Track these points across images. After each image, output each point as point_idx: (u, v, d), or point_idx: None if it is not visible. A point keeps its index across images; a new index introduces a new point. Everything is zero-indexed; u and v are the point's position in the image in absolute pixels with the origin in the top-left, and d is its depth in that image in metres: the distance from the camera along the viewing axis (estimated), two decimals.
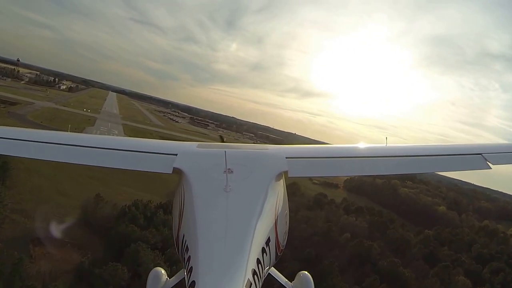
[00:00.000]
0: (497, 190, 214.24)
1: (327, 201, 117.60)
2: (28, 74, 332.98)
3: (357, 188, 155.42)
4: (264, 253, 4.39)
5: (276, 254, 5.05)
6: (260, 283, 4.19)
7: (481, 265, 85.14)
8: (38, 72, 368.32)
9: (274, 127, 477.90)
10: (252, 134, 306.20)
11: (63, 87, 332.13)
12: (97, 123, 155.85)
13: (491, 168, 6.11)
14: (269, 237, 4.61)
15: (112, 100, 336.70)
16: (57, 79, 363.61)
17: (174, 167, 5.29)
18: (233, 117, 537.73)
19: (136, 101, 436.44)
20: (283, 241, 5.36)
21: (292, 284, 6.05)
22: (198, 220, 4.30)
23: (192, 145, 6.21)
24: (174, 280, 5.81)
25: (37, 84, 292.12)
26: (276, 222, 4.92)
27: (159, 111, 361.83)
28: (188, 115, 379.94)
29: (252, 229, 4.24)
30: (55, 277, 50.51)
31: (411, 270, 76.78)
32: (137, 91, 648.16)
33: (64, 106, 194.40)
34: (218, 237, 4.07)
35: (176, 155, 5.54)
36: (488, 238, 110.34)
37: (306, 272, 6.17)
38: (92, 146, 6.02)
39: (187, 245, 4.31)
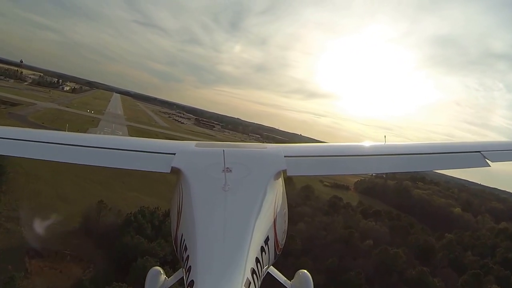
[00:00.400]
0: (505, 190, 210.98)
1: (343, 205, 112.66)
2: (31, 76, 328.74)
3: (368, 190, 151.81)
4: (263, 252, 4.35)
5: (275, 253, 5.03)
6: (259, 282, 4.14)
7: (510, 270, 79.06)
8: (41, 74, 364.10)
9: (279, 128, 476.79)
10: (258, 135, 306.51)
11: (67, 88, 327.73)
12: (101, 124, 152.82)
13: (490, 165, 6.08)
14: (268, 236, 4.56)
15: (116, 101, 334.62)
16: (60, 81, 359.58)
17: (172, 167, 5.25)
18: (238, 118, 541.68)
19: (140, 102, 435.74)
20: (282, 240, 5.31)
21: (291, 283, 6.00)
22: (196, 220, 4.25)
23: (191, 144, 6.09)
24: (173, 279, 5.76)
25: (40, 85, 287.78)
26: (275, 221, 4.87)
27: (164, 113, 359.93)
28: (193, 117, 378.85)
29: (251, 228, 4.19)
30: None
31: (440, 279, 72.43)
32: (141, 92, 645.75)
33: (67, 107, 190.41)
34: (216, 236, 4.02)
35: (174, 154, 5.50)
36: (510, 241, 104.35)
37: (305, 270, 6.08)
38: (90, 145, 5.92)
39: (185, 245, 4.25)
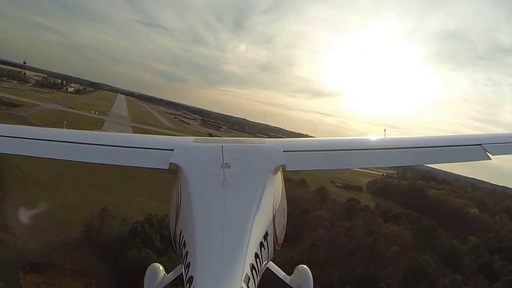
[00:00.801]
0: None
1: (361, 208, 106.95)
2: (35, 77, 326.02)
3: (381, 191, 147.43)
4: (262, 248, 4.35)
5: (275, 248, 5.03)
6: (259, 278, 4.14)
7: None
8: (45, 75, 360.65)
9: (286, 128, 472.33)
10: (265, 136, 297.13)
11: (71, 89, 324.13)
12: (105, 126, 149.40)
13: (490, 158, 6.05)
14: (267, 231, 4.56)
15: (121, 102, 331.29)
16: (64, 82, 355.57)
17: (170, 163, 5.20)
18: (244, 118, 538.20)
19: (145, 103, 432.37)
20: (281, 235, 5.31)
21: (290, 278, 5.98)
22: (195, 216, 4.24)
23: (189, 140, 6.08)
24: (172, 275, 5.77)
25: (43, 86, 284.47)
26: (274, 217, 4.87)
27: (170, 113, 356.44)
28: (199, 117, 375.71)
29: (250, 223, 4.17)
30: None
31: None
32: (146, 93, 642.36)
33: (70, 108, 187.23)
34: (215, 232, 4.01)
35: (172, 150, 5.42)
36: None
37: (305, 265, 6.06)
38: (87, 142, 5.80)
39: (184, 241, 4.25)
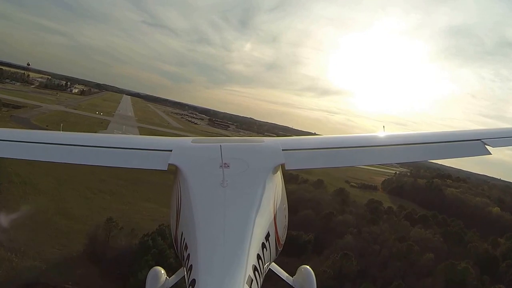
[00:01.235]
0: None
1: (385, 210, 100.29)
2: (39, 79, 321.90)
3: (397, 190, 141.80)
4: (264, 248, 4.28)
5: (276, 249, 4.97)
6: (261, 279, 4.09)
7: None
8: (49, 77, 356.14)
9: (294, 127, 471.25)
10: (274, 135, 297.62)
11: (75, 90, 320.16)
12: (110, 126, 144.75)
13: (491, 153, 6.06)
14: (268, 231, 4.48)
15: (126, 102, 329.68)
16: (69, 83, 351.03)
17: (169, 163, 5.12)
18: (251, 118, 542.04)
19: (151, 103, 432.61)
20: (283, 235, 5.24)
21: (293, 279, 5.86)
22: (196, 217, 4.19)
23: (187, 141, 5.95)
24: (174, 278, 5.66)
25: (47, 88, 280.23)
26: (275, 216, 4.79)
27: (176, 113, 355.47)
28: (206, 117, 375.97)
29: (251, 224, 4.13)
30: None
31: None
32: (152, 94, 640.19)
33: (74, 109, 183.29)
34: (217, 233, 3.96)
35: (171, 151, 5.36)
36: None
37: (308, 266, 5.90)
38: (85, 145, 5.72)
39: (185, 243, 4.20)
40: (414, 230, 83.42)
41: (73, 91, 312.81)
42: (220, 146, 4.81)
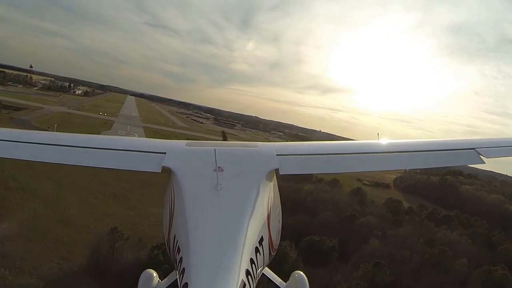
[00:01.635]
0: None
1: (405, 210, 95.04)
2: (42, 81, 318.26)
3: (411, 188, 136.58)
4: (258, 253, 4.23)
5: (270, 254, 4.90)
6: (254, 284, 4.04)
7: None
8: (52, 79, 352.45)
9: (298, 125, 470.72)
10: (280, 133, 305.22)
11: (78, 92, 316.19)
12: (114, 127, 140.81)
13: (484, 162, 6.05)
14: (262, 236, 4.42)
15: (130, 103, 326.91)
16: (72, 85, 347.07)
17: (163, 166, 5.10)
18: (255, 116, 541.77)
19: (155, 104, 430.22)
20: (276, 240, 5.18)
21: (286, 284, 5.83)
22: (189, 220, 4.12)
23: (181, 144, 5.92)
24: (166, 282, 5.59)
25: (50, 90, 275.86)
26: (268, 221, 4.73)
27: (181, 113, 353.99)
28: (211, 116, 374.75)
29: (244, 228, 4.06)
30: None
31: None
32: (155, 94, 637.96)
33: (77, 110, 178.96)
34: (210, 237, 3.91)
35: (164, 153, 5.32)
36: None
37: (301, 272, 5.91)
38: (79, 146, 5.63)
39: (178, 246, 4.14)
40: (442, 232, 78.25)
41: (76, 93, 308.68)
42: (215, 150, 4.79)
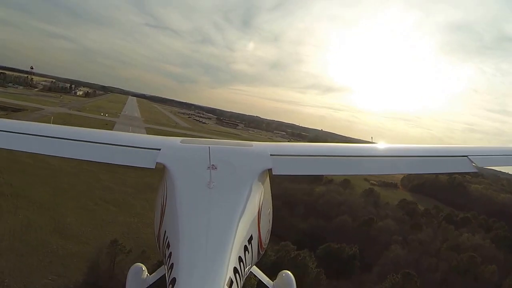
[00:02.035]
0: None
1: (421, 212, 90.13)
2: (43, 82, 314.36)
3: (420, 187, 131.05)
4: (246, 251, 4.26)
5: (259, 253, 4.92)
6: (242, 282, 4.05)
7: None
8: (53, 80, 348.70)
9: (300, 124, 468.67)
10: (283, 133, 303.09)
11: (80, 93, 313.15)
12: (116, 127, 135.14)
13: (477, 170, 6.06)
14: (251, 235, 4.44)
15: (132, 103, 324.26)
16: (73, 86, 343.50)
17: (157, 162, 5.06)
18: (257, 116, 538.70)
19: (157, 104, 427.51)
20: (265, 239, 5.19)
21: (274, 283, 5.91)
22: (180, 216, 4.15)
23: (176, 140, 5.82)
24: (155, 276, 5.55)
25: (51, 91, 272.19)
26: (259, 220, 4.75)
27: (183, 113, 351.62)
28: (213, 116, 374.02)
29: (234, 226, 4.10)
30: None
31: None
32: (157, 95, 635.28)
33: (78, 111, 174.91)
34: (200, 233, 3.93)
35: (159, 150, 5.29)
36: None
37: (288, 271, 5.98)
38: (74, 139, 5.56)
39: (168, 242, 4.16)
40: (463, 236, 73.69)
41: (77, 94, 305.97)
42: (209, 147, 4.84)
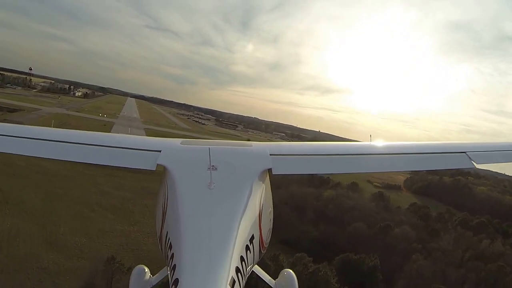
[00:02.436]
0: None
1: (435, 216, 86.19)
2: (42, 83, 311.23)
3: (424, 189, 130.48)
4: (248, 251, 4.28)
5: (260, 252, 4.95)
6: (244, 281, 4.07)
7: None
8: (52, 81, 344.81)
9: (298, 126, 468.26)
10: (282, 134, 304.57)
11: (78, 93, 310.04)
12: (114, 128, 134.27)
13: (475, 167, 6.11)
14: (253, 234, 4.47)
15: (131, 104, 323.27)
16: (72, 87, 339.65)
17: (157, 164, 5.11)
18: (255, 117, 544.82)
19: (157, 105, 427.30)
20: (267, 238, 5.24)
21: (275, 282, 5.84)
22: (181, 217, 4.19)
23: (176, 142, 5.89)
24: (158, 277, 5.57)
25: (50, 92, 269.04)
26: (260, 220, 4.80)
27: (182, 114, 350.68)
28: (212, 117, 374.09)
29: (236, 226, 4.13)
30: None
31: None
32: (156, 96, 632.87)
33: (77, 111, 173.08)
34: (201, 234, 3.97)
35: (159, 151, 5.33)
36: None
37: (290, 270, 5.93)
38: (74, 142, 5.56)
39: (170, 243, 4.19)
40: (484, 243, 69.56)
41: (76, 94, 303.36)
42: (209, 148, 4.86)
